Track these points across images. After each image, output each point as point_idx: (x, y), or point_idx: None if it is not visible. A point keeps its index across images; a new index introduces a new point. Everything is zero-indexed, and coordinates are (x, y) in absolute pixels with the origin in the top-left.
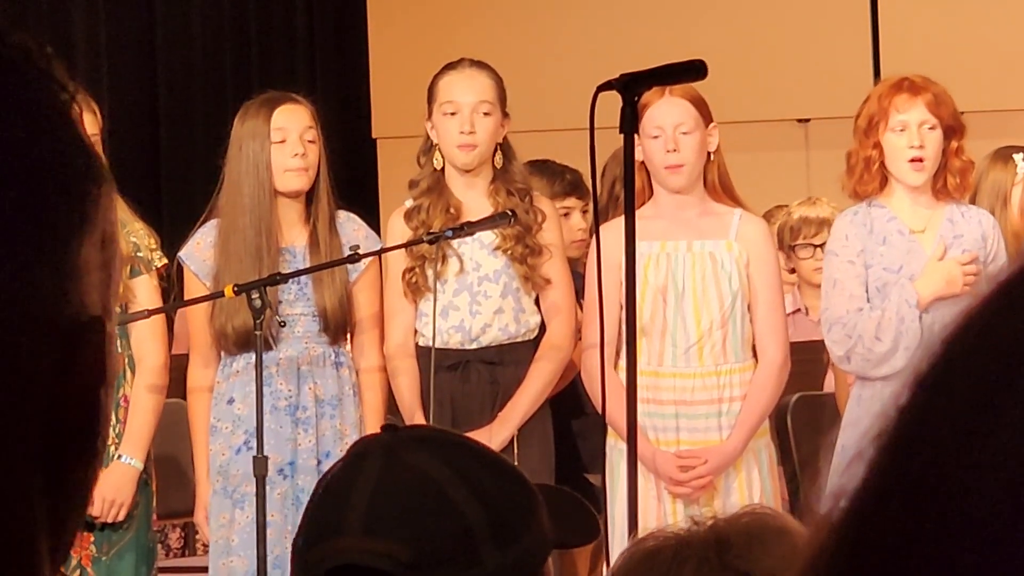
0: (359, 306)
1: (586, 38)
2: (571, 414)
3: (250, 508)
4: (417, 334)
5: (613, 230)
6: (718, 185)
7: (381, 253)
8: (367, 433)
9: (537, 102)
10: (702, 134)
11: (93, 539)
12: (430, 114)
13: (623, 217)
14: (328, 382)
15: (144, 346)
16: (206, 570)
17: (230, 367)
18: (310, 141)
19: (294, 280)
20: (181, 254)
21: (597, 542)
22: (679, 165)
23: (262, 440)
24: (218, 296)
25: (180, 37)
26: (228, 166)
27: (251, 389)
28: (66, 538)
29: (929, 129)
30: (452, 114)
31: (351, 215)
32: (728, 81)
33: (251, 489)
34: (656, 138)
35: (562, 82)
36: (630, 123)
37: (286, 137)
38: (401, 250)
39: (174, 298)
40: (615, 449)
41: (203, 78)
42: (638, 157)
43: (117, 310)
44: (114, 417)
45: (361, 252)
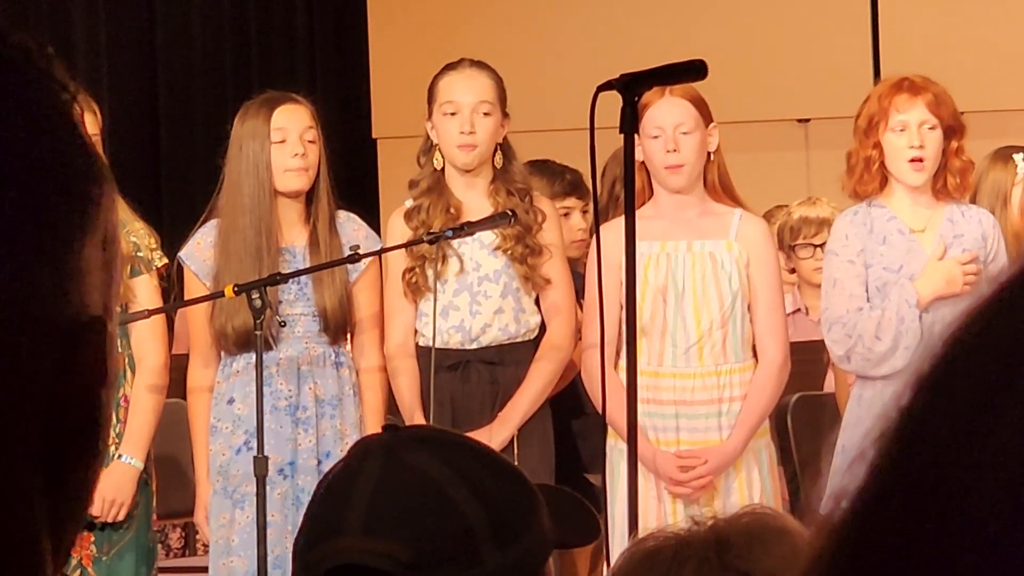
0: (359, 306)
1: (586, 38)
2: (571, 414)
3: (250, 508)
4: (417, 334)
5: (613, 230)
6: (718, 185)
7: (381, 253)
8: (367, 433)
9: (537, 102)
10: (702, 134)
11: (93, 539)
12: (430, 114)
13: (623, 217)
14: (328, 382)
15: (144, 346)
16: (206, 570)
17: (230, 367)
18: (310, 141)
19: (294, 280)
20: (181, 254)
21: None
22: (679, 165)
23: (262, 440)
24: (218, 296)
25: (180, 37)
26: (228, 166)
27: (251, 389)
28: (67, 538)
29: (929, 129)
30: (452, 114)
31: (351, 215)
32: (728, 81)
33: (251, 489)
34: (656, 138)
35: (562, 82)
36: (630, 123)
37: (286, 137)
38: (401, 250)
39: (174, 298)
40: (615, 449)
41: (203, 78)
42: (638, 157)
43: (118, 310)
44: (114, 417)
45: (361, 252)
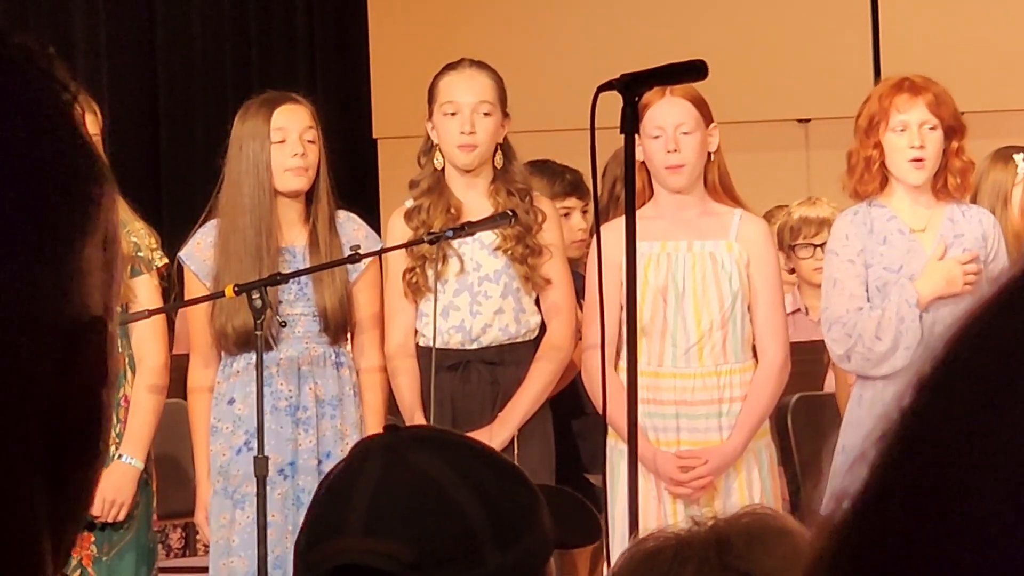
0: (359, 306)
1: (586, 38)
2: (571, 414)
3: (250, 508)
4: (417, 334)
5: (613, 230)
6: (718, 185)
7: (381, 253)
8: (368, 433)
9: (537, 102)
10: (703, 134)
11: (93, 539)
12: (430, 114)
13: (623, 217)
14: (328, 382)
15: (144, 346)
16: (207, 570)
17: (230, 367)
18: (310, 141)
19: (294, 280)
20: (181, 254)
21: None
22: (680, 165)
23: (263, 440)
24: (218, 296)
25: (180, 37)
26: (228, 166)
27: (251, 389)
28: (68, 538)
29: (930, 129)
30: (452, 114)
31: (351, 215)
32: (728, 81)
33: (251, 489)
34: (657, 138)
35: (562, 82)
36: (631, 123)
37: (286, 137)
38: (401, 250)
39: (174, 298)
40: (615, 449)
41: (203, 78)
42: (639, 157)
43: (118, 310)
44: (114, 417)
45: (361, 252)
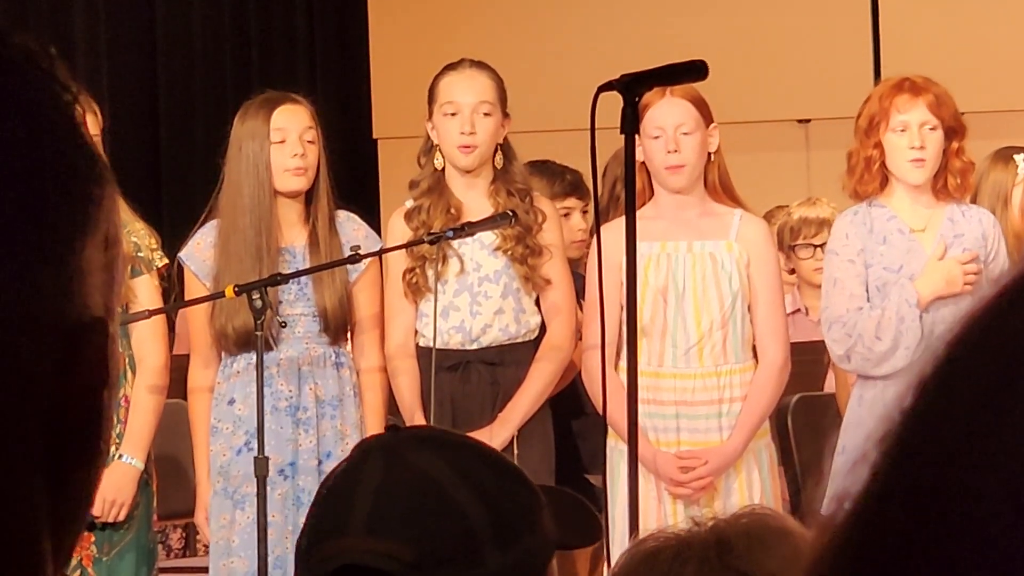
0: (359, 306)
1: (586, 38)
2: (571, 414)
3: (251, 509)
4: (417, 334)
5: (613, 230)
6: (718, 185)
7: (381, 253)
8: (368, 434)
9: (537, 102)
10: (703, 134)
11: (94, 539)
12: (431, 114)
13: (623, 217)
14: (329, 382)
15: (145, 346)
16: (207, 571)
17: (231, 367)
18: (310, 141)
19: (294, 280)
20: (181, 254)
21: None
22: (680, 166)
23: (263, 441)
24: (219, 296)
25: (180, 37)
26: (228, 166)
27: (252, 390)
28: (68, 539)
29: (930, 130)
30: (452, 115)
31: (351, 215)
32: (728, 81)
33: (252, 490)
34: (657, 138)
35: (562, 82)
36: (631, 123)
37: (286, 137)
38: (401, 250)
39: (175, 298)
40: (615, 450)
41: (203, 78)
42: (639, 157)
43: (119, 311)
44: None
45: (361, 252)
